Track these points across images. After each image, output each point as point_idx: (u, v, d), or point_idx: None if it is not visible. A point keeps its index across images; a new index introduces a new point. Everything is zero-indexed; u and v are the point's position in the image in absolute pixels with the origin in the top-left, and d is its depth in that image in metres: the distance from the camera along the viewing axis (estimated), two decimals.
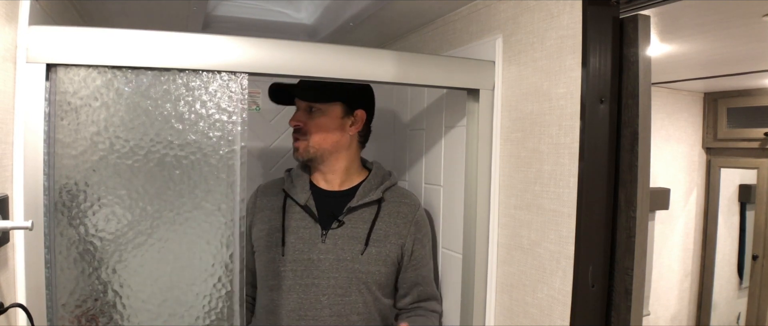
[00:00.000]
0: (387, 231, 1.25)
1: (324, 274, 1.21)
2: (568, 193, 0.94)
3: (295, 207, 1.26)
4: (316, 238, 1.23)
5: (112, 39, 0.86)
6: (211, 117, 0.93)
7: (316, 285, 1.21)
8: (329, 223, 1.24)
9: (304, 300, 1.20)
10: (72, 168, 0.87)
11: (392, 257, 1.24)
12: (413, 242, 1.27)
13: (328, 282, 1.20)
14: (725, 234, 2.33)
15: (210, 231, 0.94)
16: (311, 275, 1.21)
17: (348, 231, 1.23)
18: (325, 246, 1.22)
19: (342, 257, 1.21)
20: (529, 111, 1.04)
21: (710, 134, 2.30)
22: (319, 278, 1.21)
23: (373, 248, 1.23)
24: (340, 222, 1.24)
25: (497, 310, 1.14)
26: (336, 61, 1.00)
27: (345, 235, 1.23)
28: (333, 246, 1.22)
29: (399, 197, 1.31)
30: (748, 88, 2.10)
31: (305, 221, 1.24)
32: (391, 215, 1.27)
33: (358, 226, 1.24)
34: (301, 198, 1.26)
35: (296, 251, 1.22)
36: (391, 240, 1.25)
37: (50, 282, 0.86)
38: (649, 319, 2.24)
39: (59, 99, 0.86)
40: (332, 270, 1.21)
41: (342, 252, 1.22)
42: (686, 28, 1.19)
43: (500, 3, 1.13)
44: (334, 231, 1.23)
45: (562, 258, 0.95)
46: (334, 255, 1.21)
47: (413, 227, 1.28)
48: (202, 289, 0.94)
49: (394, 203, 1.29)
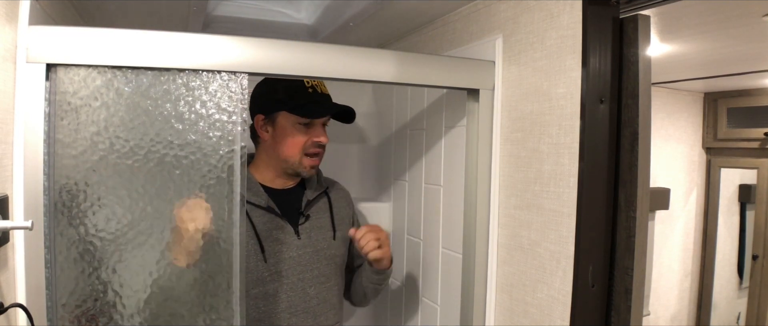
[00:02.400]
0: (342, 214, 1.37)
1: (307, 267, 1.25)
2: (568, 193, 0.94)
3: (256, 210, 1.23)
4: (291, 235, 1.25)
5: (112, 39, 0.86)
6: (211, 117, 0.93)
7: (302, 279, 1.24)
8: (296, 219, 1.27)
9: (293, 298, 1.22)
10: (72, 168, 0.87)
11: (348, 237, 1.33)
12: (353, 217, 1.42)
13: (311, 274, 1.25)
14: (725, 234, 2.33)
15: (209, 231, 0.94)
16: (295, 271, 1.23)
17: (315, 223, 1.29)
18: (301, 241, 1.25)
19: (319, 247, 1.27)
20: (529, 111, 1.04)
21: (710, 134, 2.30)
22: (303, 272, 1.24)
23: (339, 232, 1.33)
24: (306, 216, 1.28)
25: (497, 310, 1.14)
26: (336, 61, 1.01)
27: (315, 226, 1.29)
28: (308, 239, 1.26)
29: (333, 185, 1.41)
30: (748, 88, 2.10)
31: (273, 222, 1.24)
32: (338, 200, 1.38)
33: (321, 216, 1.31)
34: (261, 201, 1.24)
35: (276, 252, 1.22)
36: (345, 222, 1.37)
37: (50, 282, 0.86)
38: (649, 319, 2.24)
39: (59, 99, 0.86)
40: (313, 261, 1.26)
41: (318, 242, 1.28)
42: (686, 28, 1.19)
43: (500, 3, 1.13)
44: (304, 226, 1.27)
45: (562, 258, 0.95)
46: (311, 247, 1.26)
47: (351, 208, 1.43)
48: (201, 289, 0.94)
49: (334, 189, 1.40)
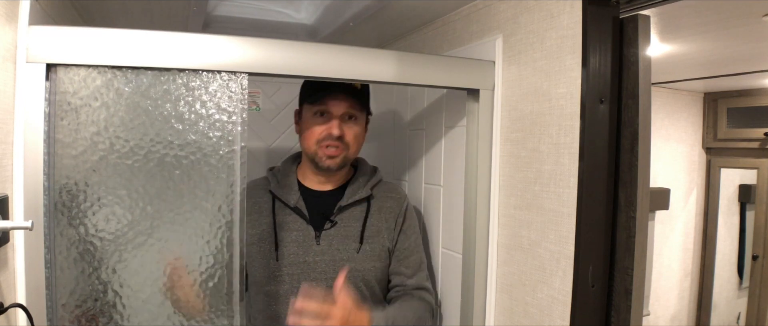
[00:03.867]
0: (378, 227, 1.26)
1: (321, 276, 1.20)
2: (568, 193, 0.94)
3: (284, 209, 1.23)
4: (310, 240, 1.21)
5: (112, 39, 0.86)
6: (211, 117, 0.93)
7: (314, 286, 1.18)
8: (321, 224, 1.23)
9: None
10: (72, 168, 0.87)
11: (384, 251, 1.25)
12: (398, 234, 1.28)
13: (326, 284, 1.18)
14: (725, 234, 2.33)
15: (210, 231, 0.94)
16: (308, 277, 1.19)
17: (341, 231, 1.23)
18: (320, 248, 1.21)
19: (338, 257, 1.21)
20: (529, 111, 1.04)
21: (710, 134, 2.30)
22: (317, 280, 1.19)
23: (367, 245, 1.23)
24: (333, 223, 1.23)
25: (497, 310, 1.14)
26: (336, 61, 1.00)
27: (339, 235, 1.22)
28: (328, 247, 1.21)
29: (386, 192, 1.31)
30: (748, 88, 2.10)
31: (297, 223, 1.22)
32: (380, 211, 1.27)
33: (351, 225, 1.24)
34: (290, 200, 1.23)
35: (291, 254, 1.20)
36: (382, 235, 1.26)
37: (50, 282, 0.86)
38: (649, 319, 2.24)
39: (59, 99, 0.86)
40: (329, 270, 1.20)
41: (337, 252, 1.21)
42: (686, 28, 1.19)
43: (500, 3, 1.13)
44: (328, 232, 1.22)
45: (562, 258, 0.95)
46: (329, 256, 1.21)
47: (400, 218, 1.29)
48: (201, 289, 0.94)
49: (381, 199, 1.29)
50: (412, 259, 1.29)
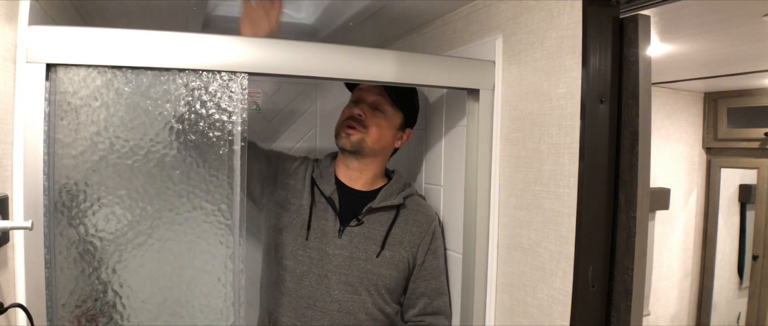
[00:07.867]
0: (402, 237, 1.26)
1: (336, 269, 1.22)
2: (568, 193, 0.94)
3: (320, 197, 1.28)
4: (334, 232, 1.24)
5: (112, 39, 0.86)
6: (211, 117, 0.93)
7: (328, 278, 1.22)
8: (348, 220, 1.26)
9: (316, 290, 1.22)
10: (72, 168, 0.87)
11: (404, 263, 1.25)
12: (426, 252, 1.27)
13: (338, 278, 1.22)
14: (725, 234, 2.33)
15: (210, 231, 0.94)
16: (324, 267, 1.22)
17: (365, 231, 1.25)
18: (341, 242, 1.23)
19: (356, 256, 1.23)
20: (529, 111, 1.04)
21: (710, 134, 2.30)
22: (332, 272, 1.22)
23: (387, 251, 1.24)
24: (360, 221, 1.25)
25: (497, 310, 1.14)
26: (336, 61, 1.00)
27: (362, 234, 1.24)
28: (348, 243, 1.23)
29: (417, 206, 1.31)
30: (748, 88, 2.10)
31: (327, 213, 1.26)
32: (408, 222, 1.28)
33: (376, 228, 1.25)
34: (326, 190, 1.28)
35: (316, 239, 1.24)
36: (405, 246, 1.25)
37: (50, 282, 0.86)
38: (649, 319, 2.24)
39: (59, 99, 0.86)
40: (344, 266, 1.22)
41: (356, 250, 1.23)
42: (686, 28, 1.19)
43: (500, 3, 1.13)
44: (352, 229, 1.24)
45: (562, 258, 0.95)
46: (348, 252, 1.23)
47: (428, 236, 1.28)
48: (201, 289, 0.94)
49: (412, 211, 1.29)
50: (436, 282, 1.29)
